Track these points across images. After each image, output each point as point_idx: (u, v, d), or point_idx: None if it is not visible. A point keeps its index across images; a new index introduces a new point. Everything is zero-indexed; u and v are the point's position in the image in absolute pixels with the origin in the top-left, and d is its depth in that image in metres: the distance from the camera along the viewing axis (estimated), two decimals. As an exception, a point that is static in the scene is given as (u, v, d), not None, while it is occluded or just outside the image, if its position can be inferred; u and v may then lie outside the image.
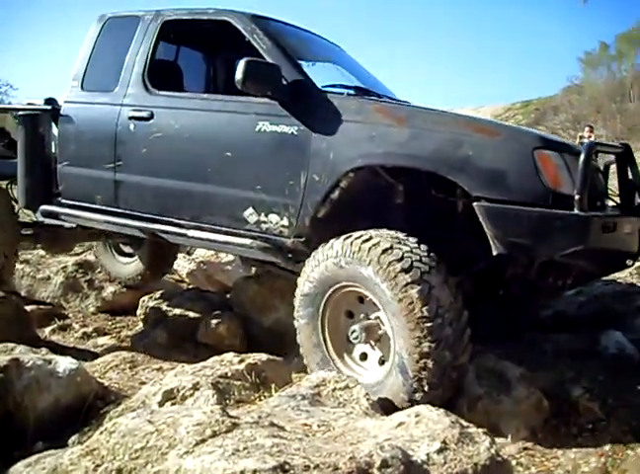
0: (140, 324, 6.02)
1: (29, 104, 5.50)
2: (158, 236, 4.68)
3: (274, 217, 3.97)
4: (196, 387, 3.19)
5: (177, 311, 5.80)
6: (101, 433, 2.39)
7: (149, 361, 4.60)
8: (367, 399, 3.02)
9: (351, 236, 3.52)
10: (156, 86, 4.67)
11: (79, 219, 5.12)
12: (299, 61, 4.17)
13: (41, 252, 7.17)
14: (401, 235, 3.46)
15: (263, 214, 4.01)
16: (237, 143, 4.13)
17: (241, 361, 3.54)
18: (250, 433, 2.22)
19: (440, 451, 2.23)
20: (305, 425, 2.53)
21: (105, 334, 5.86)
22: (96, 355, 4.90)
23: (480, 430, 2.44)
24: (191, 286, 6.92)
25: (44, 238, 5.75)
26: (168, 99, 4.61)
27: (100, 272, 6.90)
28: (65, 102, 5.12)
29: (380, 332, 3.55)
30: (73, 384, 3.43)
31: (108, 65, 4.97)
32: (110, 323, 6.24)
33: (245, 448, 2.05)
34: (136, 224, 4.67)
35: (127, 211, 4.72)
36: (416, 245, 3.40)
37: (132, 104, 4.68)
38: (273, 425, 2.41)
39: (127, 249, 6.83)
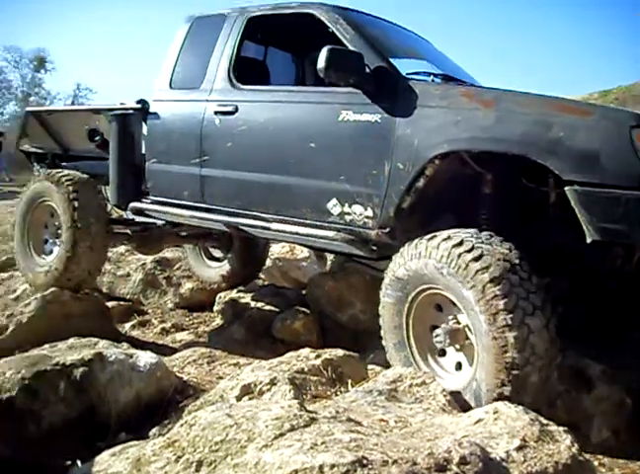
0: (217, 320, 6.10)
1: (121, 104, 5.64)
2: (242, 230, 4.72)
3: (357, 208, 3.90)
4: (273, 382, 3.23)
5: (253, 307, 5.87)
6: (181, 425, 2.44)
7: (226, 357, 4.67)
8: (444, 395, 2.99)
9: (450, 238, 3.32)
10: (242, 81, 4.73)
11: (166, 215, 5.23)
12: (383, 50, 4.10)
13: (121, 250, 7.35)
14: (498, 244, 3.25)
15: (346, 205, 3.95)
16: (320, 134, 4.10)
17: (317, 357, 3.57)
18: (328, 427, 2.23)
19: (519, 449, 2.20)
20: (382, 420, 2.53)
21: (183, 329, 5.94)
22: (174, 351, 5.01)
23: (561, 428, 2.39)
24: (266, 283, 6.98)
25: (136, 237, 5.86)
26: (252, 92, 4.66)
27: (177, 269, 7.03)
28: (154, 101, 5.26)
29: (467, 342, 3.37)
30: (153, 378, 3.52)
31: (195, 63, 5.08)
32: (187, 319, 6.33)
33: (323, 443, 2.06)
34: (221, 219, 4.72)
35: (213, 206, 4.78)
36: (507, 251, 3.21)
37: (218, 99, 4.74)
38: (350, 420, 2.41)
39: (217, 253, 6.93)
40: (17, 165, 23.30)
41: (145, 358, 3.57)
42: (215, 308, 6.22)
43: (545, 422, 2.42)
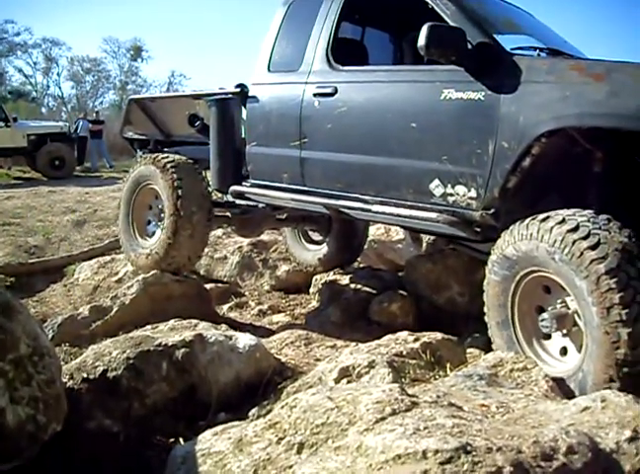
0: (313, 302, 6.13)
1: (220, 89, 5.75)
2: (342, 212, 4.69)
3: (461, 189, 3.80)
4: (371, 365, 3.21)
5: (349, 289, 5.86)
6: (282, 407, 2.47)
7: (323, 339, 4.65)
8: (547, 381, 2.92)
9: (564, 222, 3.13)
10: (340, 62, 4.69)
11: (267, 198, 5.27)
12: (485, 25, 3.96)
13: (218, 232, 7.47)
14: (616, 231, 3.03)
15: (449, 186, 3.85)
16: (422, 113, 4.01)
17: (416, 340, 3.55)
18: (429, 412, 2.20)
19: (631, 440, 2.10)
20: (483, 405, 2.49)
21: (279, 311, 5.98)
22: (272, 332, 5.03)
23: (677, 419, 2.30)
24: (362, 265, 6.97)
25: (236, 220, 5.93)
26: (351, 73, 4.61)
27: (274, 251, 7.10)
28: (252, 84, 5.28)
29: (575, 328, 3.22)
30: (252, 359, 3.56)
31: (292, 46, 5.07)
32: (284, 301, 6.37)
33: (426, 428, 2.04)
34: (321, 201, 4.70)
35: (313, 189, 4.77)
36: (626, 239, 2.99)
37: (317, 81, 4.72)
38: (451, 404, 2.38)
39: (316, 236, 6.96)
40: (116, 152, 23.98)
41: (244, 340, 3.63)
42: (312, 290, 6.26)
43: (658, 411, 2.32)
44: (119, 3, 72.38)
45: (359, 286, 5.86)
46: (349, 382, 3.10)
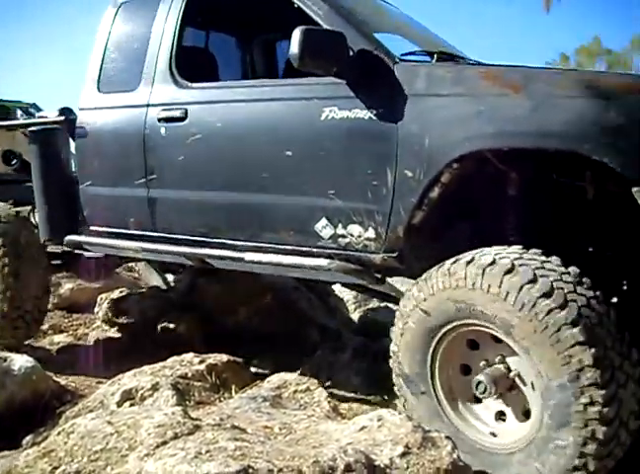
0: (98, 322, 5.88)
1: (40, 117, 4.84)
2: (207, 263, 3.90)
3: (355, 229, 3.14)
4: (155, 387, 3.18)
5: (136, 310, 5.71)
6: (58, 433, 2.37)
7: (107, 360, 4.52)
8: (329, 402, 3.03)
9: (496, 263, 2.60)
10: (188, 78, 3.84)
11: (111, 249, 4.32)
12: (368, 28, 3.31)
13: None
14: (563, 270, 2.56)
15: (340, 226, 3.18)
16: (299, 138, 3.28)
17: (201, 362, 3.54)
18: (212, 435, 2.20)
19: (402, 456, 2.22)
20: (267, 427, 2.53)
21: (61, 331, 5.66)
22: (52, 354, 4.85)
23: (442, 434, 2.44)
24: (150, 285, 6.83)
25: (78, 269, 5.16)
26: (204, 91, 3.78)
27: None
28: (80, 109, 4.31)
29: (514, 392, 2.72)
30: (28, 382, 3.41)
31: (127, 58, 4.16)
32: (67, 320, 6.04)
33: (208, 451, 2.03)
34: (179, 250, 3.86)
35: (168, 235, 3.91)
36: (576, 279, 2.53)
37: (161, 102, 3.85)
38: (234, 427, 2.40)
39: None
40: None
41: (20, 362, 3.45)
42: (96, 310, 5.98)
43: (427, 429, 2.45)
44: None
45: (145, 307, 5.71)
46: (132, 405, 3.05)
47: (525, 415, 2.69)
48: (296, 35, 2.93)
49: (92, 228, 4.30)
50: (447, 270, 2.73)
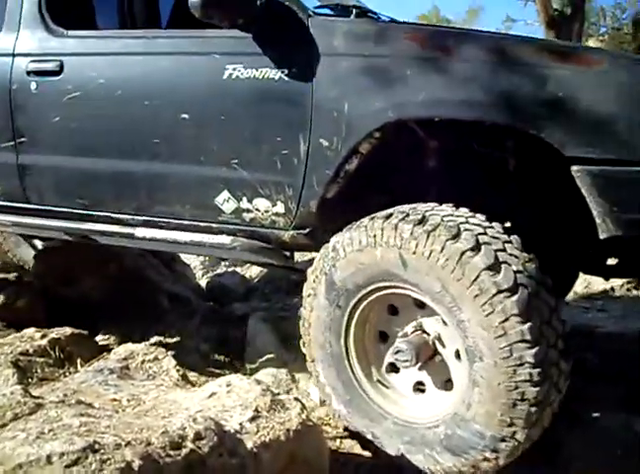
0: None
1: None
2: (91, 239, 3.49)
3: (261, 203, 2.83)
4: (-6, 367, 3.03)
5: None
6: None
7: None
8: (178, 370, 3.01)
9: (424, 222, 2.36)
10: (62, 24, 3.30)
11: None
12: None
13: None
14: (490, 227, 2.36)
15: (244, 200, 2.85)
16: (197, 99, 2.89)
17: (43, 337, 3.43)
18: (55, 413, 2.15)
19: (252, 420, 2.25)
20: (114, 400, 2.51)
21: None
22: None
23: (291, 396, 2.49)
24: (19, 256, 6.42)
25: None
26: (83, 41, 3.26)
27: None
28: None
29: (437, 358, 2.52)
30: None
31: None
32: None
33: (51, 430, 1.96)
34: (57, 224, 3.42)
35: (44, 207, 3.44)
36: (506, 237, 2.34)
37: (30, 52, 3.32)
38: (80, 402, 2.36)
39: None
40: None
41: None
42: None
43: (276, 391, 2.49)
44: None
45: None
46: (-32, 388, 2.87)
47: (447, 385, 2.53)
48: None
49: None
50: (364, 227, 2.48)
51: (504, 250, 2.27)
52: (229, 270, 5.86)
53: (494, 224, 2.36)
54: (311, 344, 2.72)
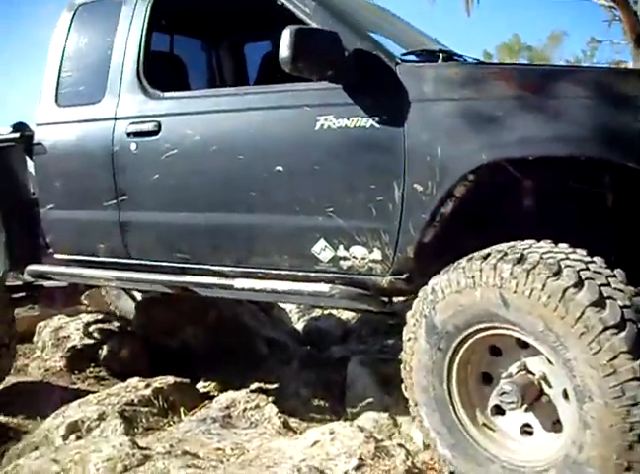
0: (37, 351, 5.73)
1: None
2: (190, 291, 3.52)
3: (358, 250, 2.82)
4: (101, 417, 3.11)
5: (76, 336, 5.56)
6: (1, 477, 2.28)
7: (51, 392, 4.37)
8: (279, 417, 3.01)
9: (523, 261, 2.30)
10: (158, 87, 3.45)
11: (79, 278, 3.93)
12: (362, 26, 2.99)
13: None
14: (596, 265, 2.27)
15: (342, 248, 2.86)
16: (290, 151, 2.94)
17: (147, 386, 3.47)
18: (163, 464, 2.18)
19: (357, 468, 2.23)
20: (218, 449, 2.53)
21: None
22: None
23: (395, 442, 2.45)
24: (90, 309, 6.66)
25: (44, 297, 4.66)
26: (178, 101, 3.39)
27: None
28: (37, 125, 3.86)
29: (544, 399, 2.42)
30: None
31: (88, 68, 3.75)
32: (3, 352, 5.92)
33: (160, 482, 1.99)
34: (158, 278, 3.49)
35: (144, 262, 3.53)
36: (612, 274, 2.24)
37: (130, 115, 3.46)
38: (185, 453, 2.38)
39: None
40: None
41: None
42: (35, 338, 5.83)
43: (380, 438, 2.46)
44: None
45: (87, 333, 5.56)
46: (78, 438, 2.96)
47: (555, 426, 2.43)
48: (287, 35, 2.58)
49: (56, 256, 3.90)
50: (462, 269, 2.45)
51: (608, 285, 2.18)
52: (325, 312, 5.84)
53: (596, 259, 2.28)
54: (413, 388, 2.66)
